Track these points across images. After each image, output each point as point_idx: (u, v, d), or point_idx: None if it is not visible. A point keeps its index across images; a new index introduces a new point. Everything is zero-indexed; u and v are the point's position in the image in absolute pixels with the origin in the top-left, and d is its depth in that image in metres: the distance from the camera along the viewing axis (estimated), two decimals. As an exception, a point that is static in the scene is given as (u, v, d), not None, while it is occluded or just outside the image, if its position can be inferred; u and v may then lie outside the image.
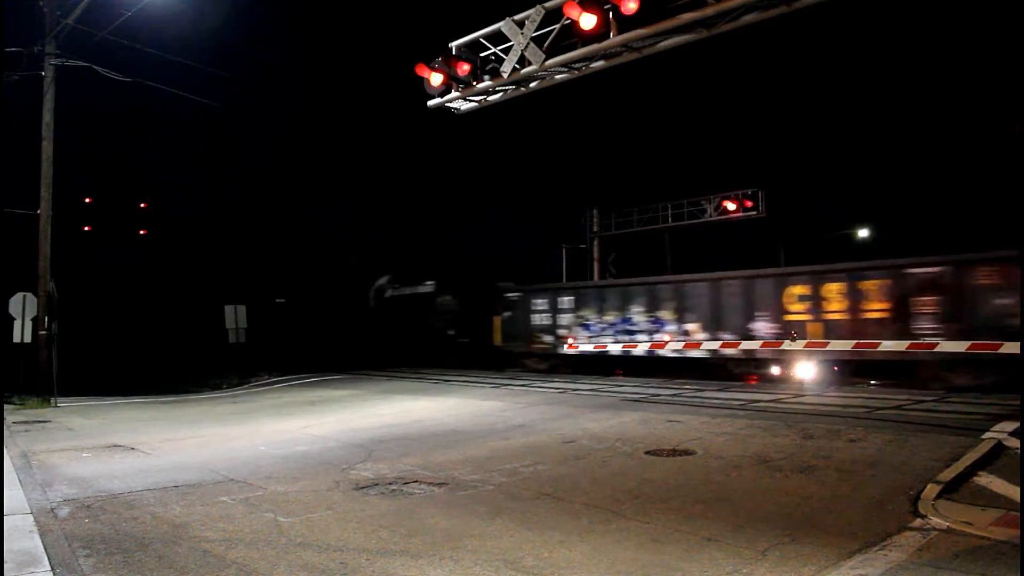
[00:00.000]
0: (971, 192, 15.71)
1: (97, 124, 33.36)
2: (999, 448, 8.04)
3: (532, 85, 11.33)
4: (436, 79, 11.45)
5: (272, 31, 46.98)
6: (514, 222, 32.62)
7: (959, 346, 13.48)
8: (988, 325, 13.37)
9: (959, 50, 21.99)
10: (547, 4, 10.33)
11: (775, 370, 17.11)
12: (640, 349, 19.22)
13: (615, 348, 19.84)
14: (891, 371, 15.10)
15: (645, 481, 7.31)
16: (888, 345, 14.45)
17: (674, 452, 8.71)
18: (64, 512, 6.55)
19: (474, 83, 11.36)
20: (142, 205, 41.78)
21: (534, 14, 10.48)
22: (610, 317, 20.00)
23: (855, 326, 15.20)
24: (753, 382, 16.70)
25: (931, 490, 6.37)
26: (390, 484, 7.45)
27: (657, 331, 18.86)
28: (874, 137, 24.77)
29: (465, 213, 34.52)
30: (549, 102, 18.70)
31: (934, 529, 5.48)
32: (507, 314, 22.87)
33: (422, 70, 11.45)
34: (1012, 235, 13.52)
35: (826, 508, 6.16)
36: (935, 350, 13.84)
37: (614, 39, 9.68)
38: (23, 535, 5.77)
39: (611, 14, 9.49)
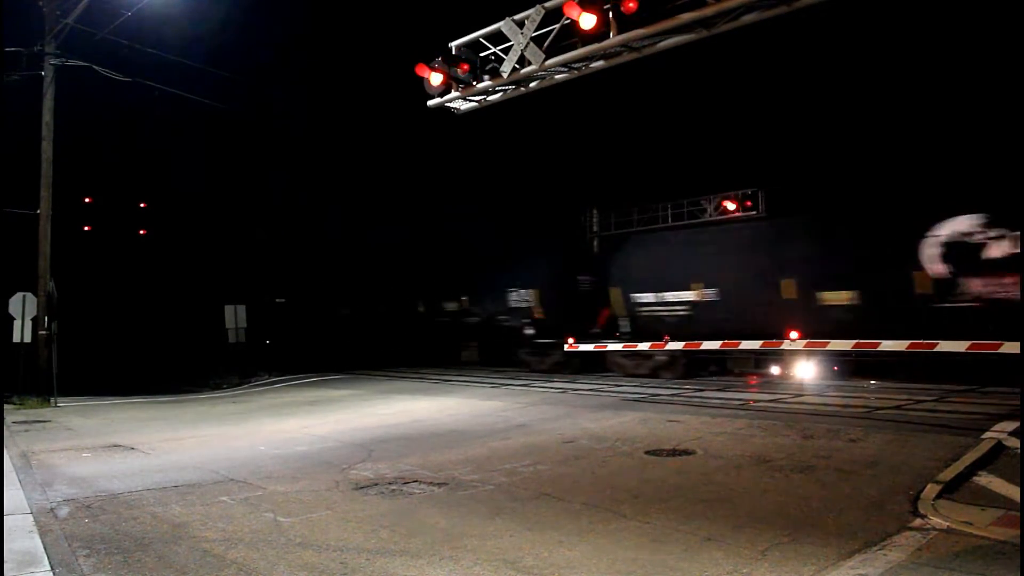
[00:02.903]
0: (973, 190, 15.77)
1: (97, 124, 33.34)
2: (999, 448, 8.04)
3: (532, 85, 11.34)
4: (436, 79, 11.46)
5: (272, 31, 46.97)
6: (514, 221, 32.57)
7: (959, 346, 13.47)
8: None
9: (961, 47, 21.98)
10: (547, 4, 10.33)
11: (774, 369, 17.15)
12: (640, 348, 19.20)
13: (615, 347, 19.83)
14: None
15: (645, 481, 7.32)
16: (888, 344, 14.44)
17: (674, 452, 8.71)
18: (64, 512, 6.55)
19: (474, 83, 11.37)
20: (142, 205, 41.77)
21: (534, 14, 10.48)
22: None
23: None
24: (753, 382, 16.70)
25: (931, 490, 6.37)
26: (390, 484, 7.45)
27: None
28: (874, 136, 24.75)
29: (464, 212, 34.49)
30: (549, 102, 18.70)
31: (934, 529, 5.48)
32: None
33: (422, 70, 11.46)
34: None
35: (826, 508, 6.16)
36: (935, 350, 13.83)
37: (614, 39, 9.68)
38: (23, 535, 5.77)
39: (611, 14, 9.49)
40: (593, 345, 20.62)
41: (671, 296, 18.29)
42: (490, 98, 11.83)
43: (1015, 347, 12.68)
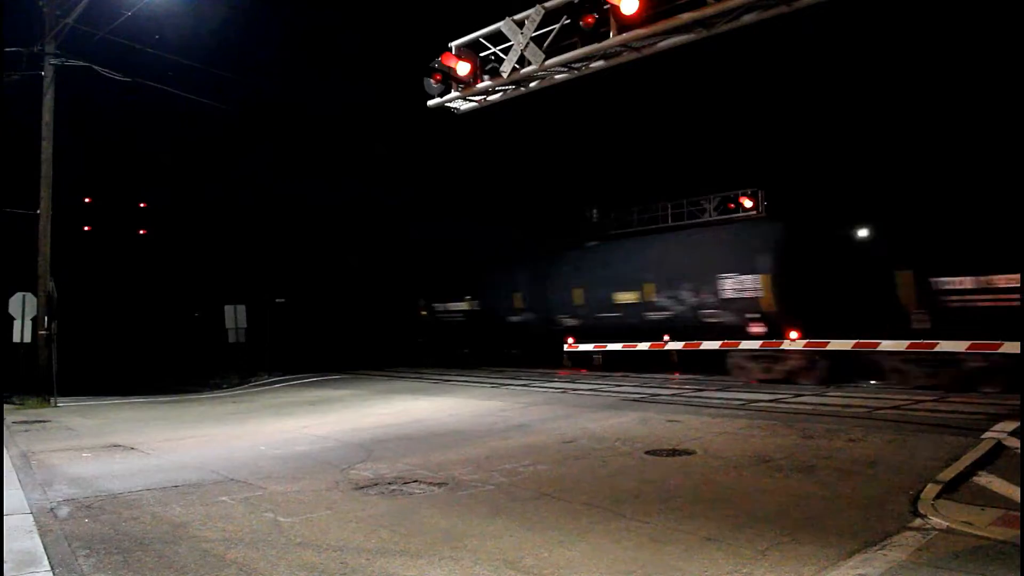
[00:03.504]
0: (976, 188, 15.65)
1: (97, 124, 33.36)
2: (999, 448, 8.04)
3: (532, 85, 11.34)
4: (436, 79, 11.47)
5: (272, 31, 47.01)
6: (514, 222, 32.60)
7: (959, 346, 13.46)
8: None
9: (962, 46, 22.00)
10: (547, 4, 10.34)
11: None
12: (640, 348, 19.22)
13: (615, 347, 19.85)
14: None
15: (645, 481, 7.31)
16: (888, 344, 14.44)
17: (674, 452, 8.71)
18: (64, 512, 6.55)
19: (474, 83, 11.37)
20: (142, 205, 41.78)
21: (534, 14, 10.48)
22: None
23: None
24: (753, 382, 16.69)
25: (931, 490, 6.37)
26: (390, 484, 7.45)
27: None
28: (875, 136, 24.80)
29: (464, 212, 34.53)
30: (549, 102, 18.69)
31: (934, 529, 5.48)
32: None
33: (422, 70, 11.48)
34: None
35: (826, 508, 6.16)
36: (935, 349, 13.82)
37: (614, 39, 9.69)
38: (23, 535, 5.77)
39: (611, 14, 9.49)
40: (593, 345, 20.65)
41: (1005, 281, 13.03)
42: (490, 98, 11.83)
43: (1015, 347, 12.67)
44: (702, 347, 17.73)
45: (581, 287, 21.13)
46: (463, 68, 11.24)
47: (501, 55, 11.06)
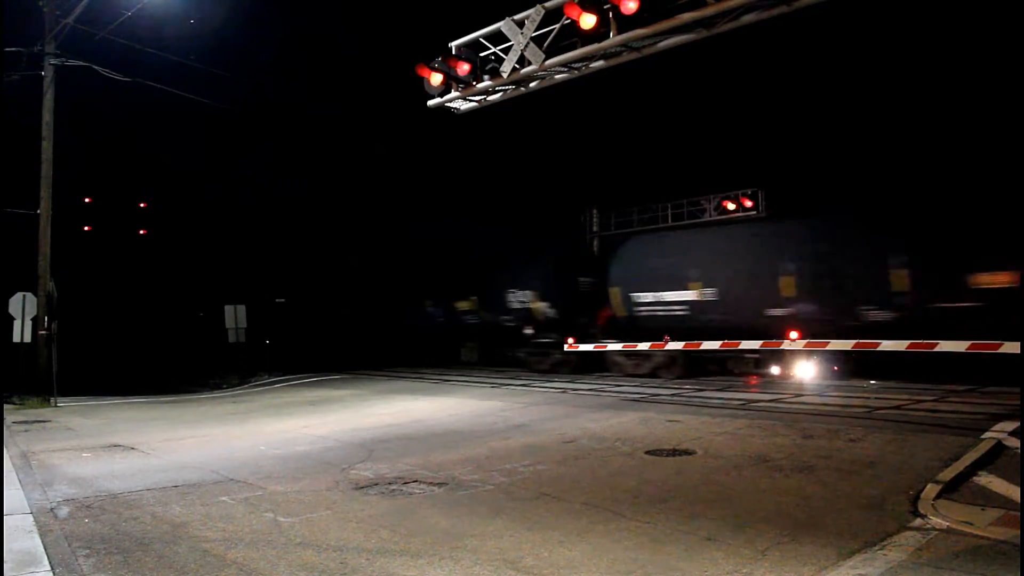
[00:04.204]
0: (978, 189, 15.61)
1: (97, 124, 33.36)
2: (999, 448, 8.04)
3: (532, 85, 11.33)
4: (436, 79, 11.45)
5: (272, 30, 47.00)
6: (513, 221, 32.56)
7: (959, 346, 13.46)
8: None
9: (961, 46, 22.00)
10: (547, 4, 10.33)
11: (775, 370, 17.13)
12: (640, 348, 19.19)
13: (615, 347, 19.83)
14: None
15: (645, 481, 7.32)
16: (888, 344, 14.43)
17: (674, 452, 8.71)
18: (64, 512, 6.55)
19: (474, 83, 11.36)
20: (142, 205, 41.78)
21: (534, 14, 10.47)
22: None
23: None
24: (753, 382, 16.71)
25: (931, 490, 6.37)
26: (390, 484, 7.46)
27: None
28: (876, 137, 24.79)
29: (463, 212, 34.49)
30: (549, 102, 18.66)
31: (934, 529, 5.48)
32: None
33: (422, 70, 11.45)
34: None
35: (826, 508, 6.16)
36: (935, 349, 13.82)
37: (614, 39, 9.68)
38: (23, 535, 5.77)
39: (611, 14, 9.49)
40: (593, 345, 20.64)
41: None
42: (490, 98, 11.82)
43: (1015, 347, 12.67)
44: (702, 347, 17.69)
45: (903, 269, 15.22)
46: (463, 68, 11.24)
47: (501, 55, 11.05)
